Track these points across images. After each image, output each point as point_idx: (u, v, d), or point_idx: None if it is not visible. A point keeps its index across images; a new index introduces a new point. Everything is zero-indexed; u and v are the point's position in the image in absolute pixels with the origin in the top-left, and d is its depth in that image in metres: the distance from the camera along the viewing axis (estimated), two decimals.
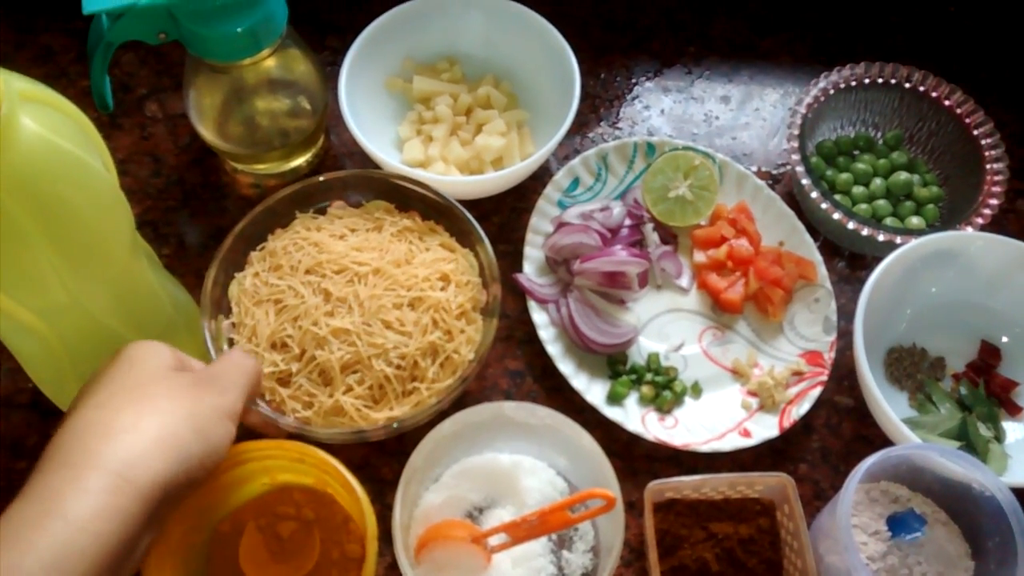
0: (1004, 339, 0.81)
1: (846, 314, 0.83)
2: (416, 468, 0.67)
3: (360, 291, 0.72)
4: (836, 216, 0.81)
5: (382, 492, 0.74)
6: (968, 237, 0.79)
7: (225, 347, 0.74)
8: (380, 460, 0.76)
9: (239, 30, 0.73)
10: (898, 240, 0.79)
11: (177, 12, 0.72)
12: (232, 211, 0.87)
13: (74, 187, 0.53)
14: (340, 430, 0.70)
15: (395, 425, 0.69)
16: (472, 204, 0.80)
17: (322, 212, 0.81)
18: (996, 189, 0.82)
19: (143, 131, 0.91)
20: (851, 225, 0.81)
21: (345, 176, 0.80)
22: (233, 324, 0.76)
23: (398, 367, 0.71)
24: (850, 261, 0.87)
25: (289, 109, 0.86)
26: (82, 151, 0.54)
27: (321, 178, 0.79)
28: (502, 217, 0.87)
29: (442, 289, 0.74)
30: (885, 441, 0.76)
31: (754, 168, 0.92)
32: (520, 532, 0.66)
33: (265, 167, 0.87)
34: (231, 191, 0.88)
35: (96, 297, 0.60)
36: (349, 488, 0.63)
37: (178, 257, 0.84)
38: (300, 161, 0.88)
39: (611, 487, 0.65)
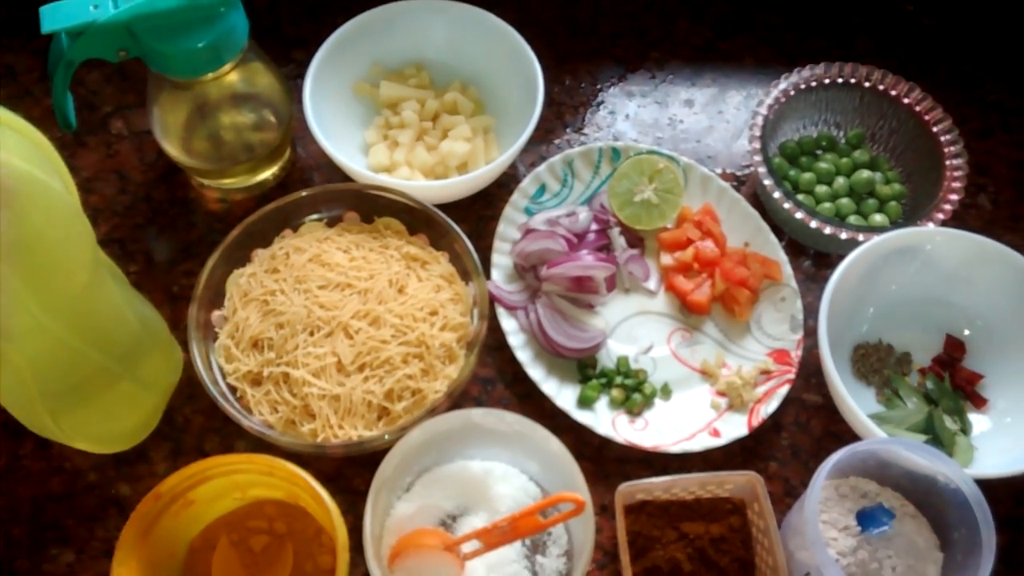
0: (967, 332, 0.82)
1: (812, 312, 0.83)
2: (386, 478, 0.67)
3: (344, 314, 0.73)
4: (799, 216, 0.82)
5: (354, 503, 0.74)
6: (928, 233, 0.80)
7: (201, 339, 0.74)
8: (352, 471, 0.76)
9: (200, 45, 0.73)
10: (861, 238, 0.80)
11: (137, 29, 0.72)
12: (199, 226, 0.87)
13: (35, 209, 0.53)
14: (300, 441, 0.70)
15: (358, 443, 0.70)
16: (439, 210, 0.81)
17: (335, 222, 0.82)
18: (956, 185, 0.83)
19: (109, 149, 0.91)
20: (814, 224, 0.82)
21: (316, 192, 0.81)
22: (224, 317, 0.76)
23: (368, 404, 0.71)
24: (815, 260, 0.88)
25: (254, 122, 0.86)
26: (42, 173, 0.54)
27: (289, 198, 0.80)
28: (469, 225, 0.87)
29: (431, 325, 0.75)
30: (854, 437, 0.77)
31: (719, 170, 0.93)
32: (492, 538, 0.66)
33: (232, 181, 0.87)
34: (198, 206, 0.88)
35: (60, 317, 0.60)
36: (319, 501, 0.63)
37: (146, 274, 0.84)
38: (267, 174, 0.88)
39: (580, 491, 0.66)
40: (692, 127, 0.96)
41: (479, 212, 0.89)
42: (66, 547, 0.73)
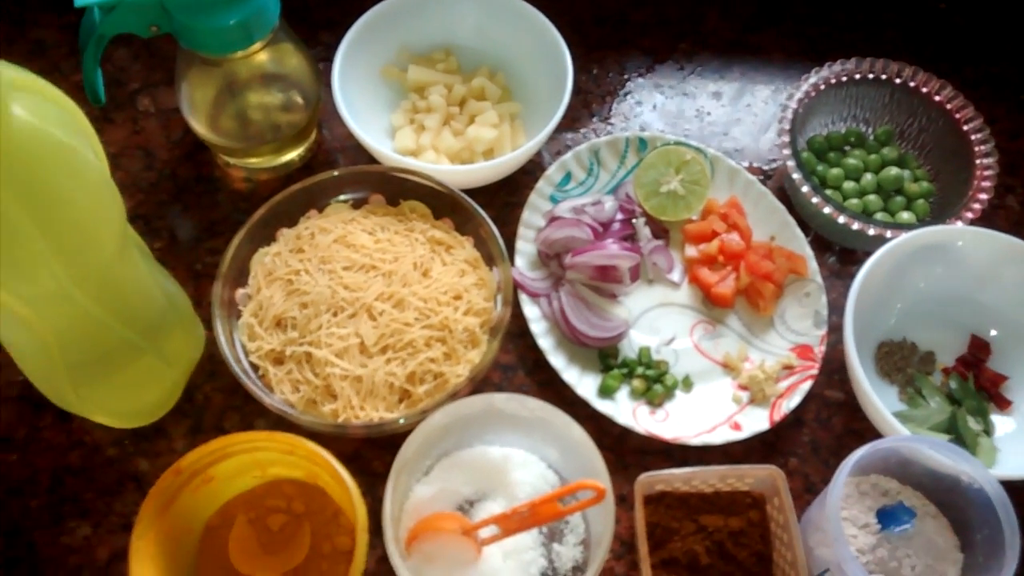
0: (992, 332, 0.82)
1: (837, 309, 0.83)
2: (406, 460, 0.67)
3: (369, 295, 0.73)
4: (827, 210, 0.81)
5: (373, 485, 0.73)
6: (957, 231, 0.79)
7: (225, 317, 0.75)
8: (371, 453, 0.76)
9: (231, 23, 0.73)
10: (888, 235, 0.80)
11: (169, 5, 0.72)
12: (224, 205, 0.87)
13: (64, 175, 0.53)
14: (321, 421, 0.70)
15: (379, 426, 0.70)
16: (464, 194, 0.81)
17: (361, 204, 0.82)
18: (986, 184, 0.82)
19: (135, 125, 0.91)
20: (841, 219, 0.81)
21: (342, 174, 0.80)
22: (248, 296, 0.76)
23: (390, 386, 0.71)
24: (841, 256, 0.87)
25: (281, 103, 0.86)
26: (72, 139, 0.54)
27: (316, 178, 0.80)
28: (494, 211, 0.86)
29: (455, 309, 0.75)
30: (875, 435, 0.76)
31: (746, 163, 0.92)
32: (511, 524, 0.66)
33: (257, 161, 0.87)
34: (223, 185, 0.88)
35: (86, 287, 0.60)
36: (339, 480, 0.63)
37: (170, 251, 0.84)
38: (292, 155, 0.88)
39: (601, 479, 0.65)
40: (719, 120, 0.96)
41: (504, 198, 0.88)
42: (84, 520, 0.73)
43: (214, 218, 0.86)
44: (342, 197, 0.81)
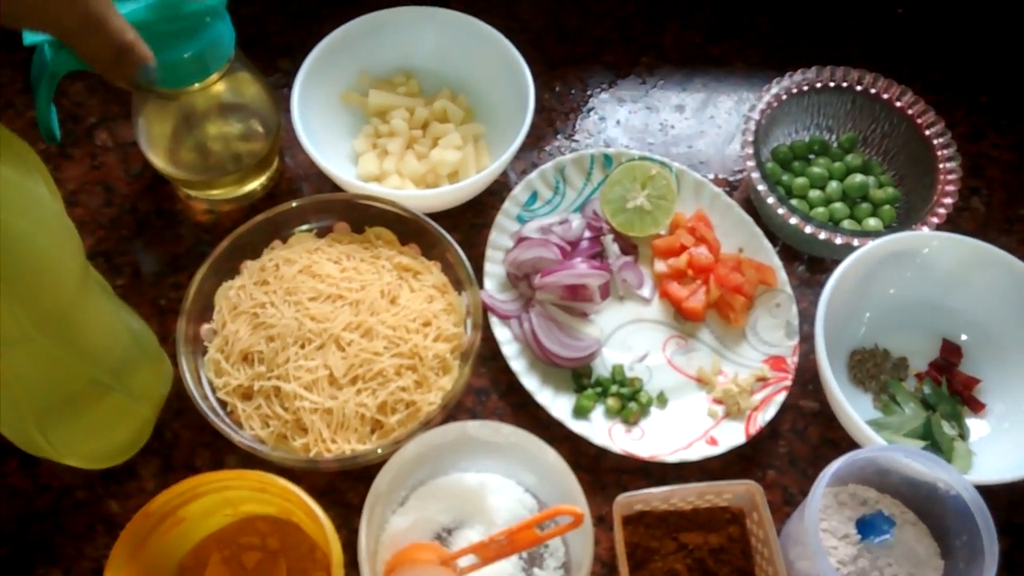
0: (964, 337, 0.82)
1: (808, 318, 0.83)
2: (380, 493, 0.66)
3: (336, 326, 0.72)
4: (793, 221, 0.81)
5: (348, 517, 0.73)
6: (924, 237, 0.79)
7: (190, 353, 0.73)
8: (345, 484, 0.75)
9: (186, 56, 0.72)
10: (855, 243, 0.80)
11: None
12: (187, 238, 0.86)
13: (18, 215, 0.52)
14: (292, 456, 0.69)
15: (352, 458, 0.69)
16: (430, 219, 0.80)
17: (325, 232, 0.81)
18: (950, 188, 0.83)
19: (93, 160, 0.90)
20: (808, 229, 0.81)
21: (305, 203, 0.80)
22: (214, 331, 0.75)
23: (361, 417, 0.70)
24: (809, 265, 0.88)
25: (241, 133, 0.85)
26: (25, 178, 0.53)
27: (278, 209, 0.79)
28: (461, 234, 0.86)
29: (424, 336, 0.74)
30: (851, 444, 0.76)
31: (711, 175, 0.92)
32: (489, 552, 0.65)
33: (219, 192, 0.85)
34: (185, 218, 0.87)
35: (49, 329, 0.59)
36: (313, 516, 0.62)
37: (133, 287, 0.83)
38: (255, 185, 0.87)
39: (578, 503, 0.65)
40: (683, 132, 0.96)
41: (471, 220, 0.88)
42: (54, 566, 0.71)
43: (177, 252, 0.85)
44: (306, 226, 0.80)
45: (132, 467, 0.75)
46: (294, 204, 0.79)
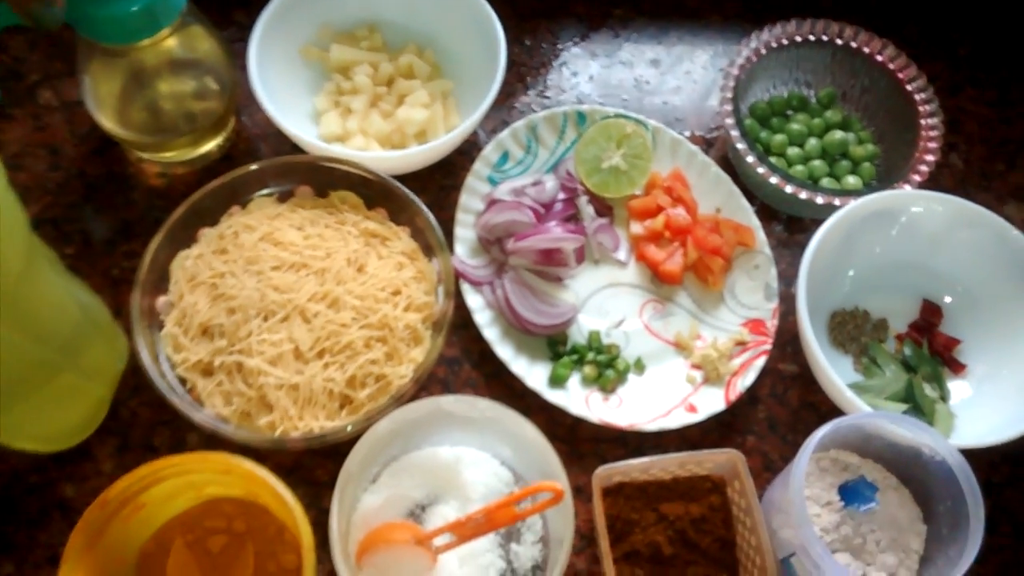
0: (947, 299, 0.80)
1: (786, 278, 0.81)
2: (351, 473, 0.63)
3: (301, 296, 0.68)
4: (773, 180, 0.79)
5: (317, 496, 0.70)
6: (907, 196, 0.77)
7: (146, 328, 0.69)
8: (313, 462, 0.72)
9: (134, 9, 0.67)
10: (837, 202, 0.78)
11: None
12: (139, 204, 0.81)
13: None
14: (257, 435, 0.66)
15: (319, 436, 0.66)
16: (397, 182, 0.76)
17: (287, 197, 0.77)
18: (932, 145, 0.81)
19: (37, 121, 0.84)
20: (789, 189, 0.79)
21: (264, 166, 0.75)
22: (171, 303, 0.72)
23: (329, 392, 0.67)
24: (788, 225, 0.85)
25: (194, 90, 0.80)
26: None
27: (236, 173, 0.74)
28: (430, 196, 0.83)
29: (394, 306, 0.70)
30: (832, 407, 0.75)
31: (687, 133, 0.89)
32: (466, 531, 0.63)
33: (173, 155, 0.81)
34: (137, 182, 0.82)
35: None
36: (280, 500, 0.59)
37: (83, 257, 0.78)
38: (210, 146, 0.82)
39: (558, 478, 0.63)
40: (658, 87, 0.92)
41: (439, 181, 0.84)
42: (6, 557, 0.68)
43: (129, 219, 0.80)
44: (266, 191, 0.76)
45: (87, 448, 0.71)
46: (253, 167, 0.74)
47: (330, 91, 0.84)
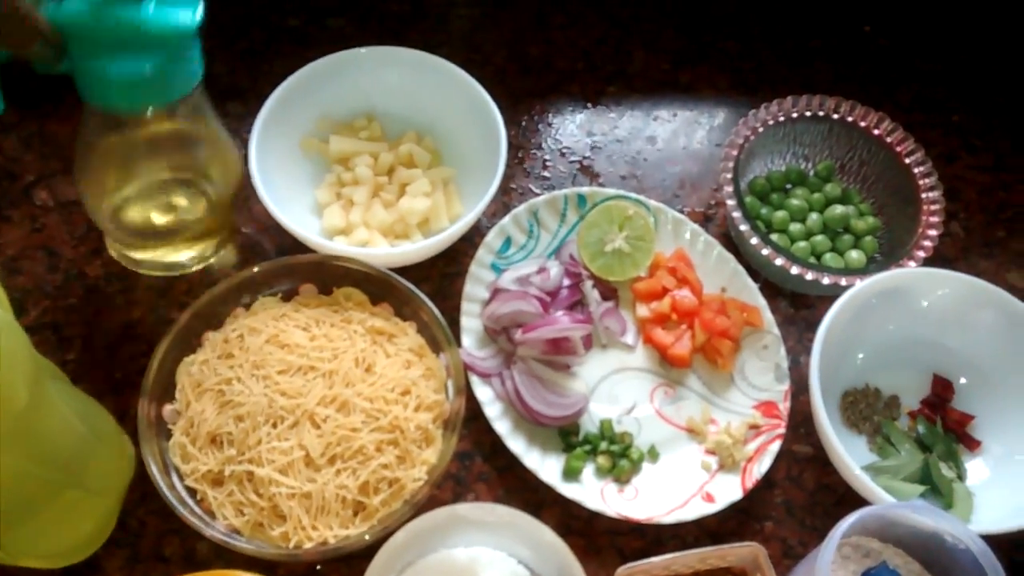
0: (962, 380, 0.80)
1: (793, 355, 0.81)
2: None
3: (309, 401, 0.67)
4: (779, 262, 0.79)
5: None
6: (915, 275, 0.77)
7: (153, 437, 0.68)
8: (327, 567, 0.70)
9: (147, 70, 0.63)
10: (843, 282, 0.77)
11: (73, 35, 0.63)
12: (140, 303, 0.80)
13: None
14: (271, 548, 0.65)
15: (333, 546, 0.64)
16: (400, 272, 0.76)
17: (291, 295, 0.76)
18: (934, 219, 0.81)
19: (34, 223, 0.83)
20: (794, 270, 0.79)
21: (268, 268, 0.75)
22: (177, 412, 0.70)
23: (343, 500, 0.65)
24: (793, 300, 0.85)
25: (192, 192, 0.79)
26: None
27: (240, 275, 0.74)
28: (432, 285, 0.82)
29: (404, 407, 0.69)
30: (848, 489, 0.74)
31: (687, 209, 0.89)
32: None
33: (163, 254, 0.80)
34: (137, 282, 0.81)
35: (0, 441, 0.54)
36: None
37: (84, 361, 0.77)
38: (206, 243, 0.81)
39: None
40: (655, 163, 0.93)
41: (442, 269, 0.84)
42: None
43: (130, 319, 0.79)
44: (270, 291, 0.75)
45: (96, 562, 0.70)
46: (256, 269, 0.74)
47: (331, 183, 0.84)
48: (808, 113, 0.86)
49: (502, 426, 0.75)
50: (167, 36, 0.62)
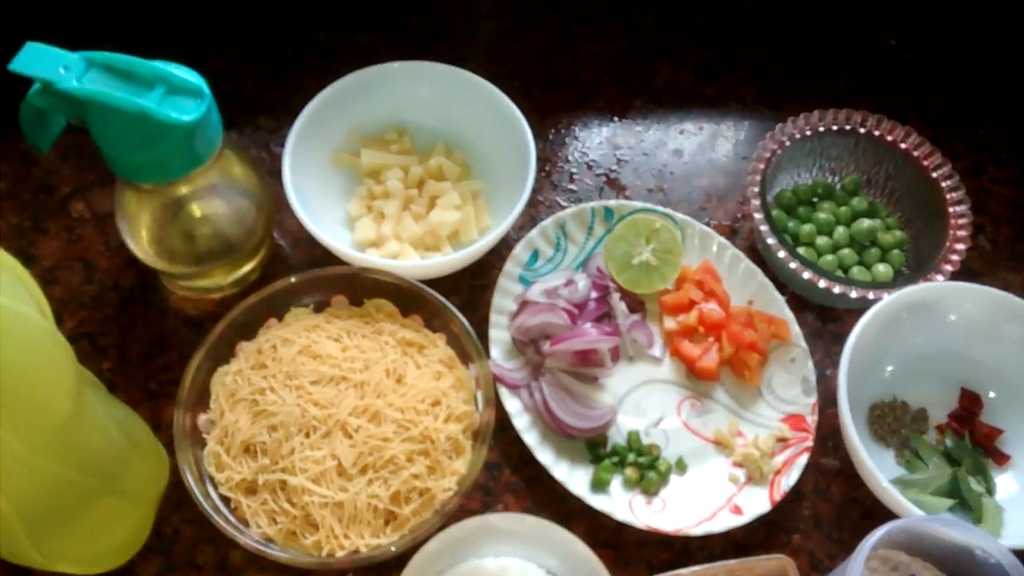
0: (991, 394, 0.80)
1: (820, 367, 0.81)
2: None
3: (342, 411, 0.68)
4: (806, 276, 0.79)
5: None
6: (943, 288, 0.77)
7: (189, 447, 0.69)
8: (359, 573, 0.71)
9: (168, 156, 0.67)
10: (871, 296, 0.78)
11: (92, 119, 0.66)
12: (174, 313, 0.81)
13: (11, 346, 0.48)
14: (303, 556, 0.65)
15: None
16: (430, 284, 0.77)
17: (322, 307, 0.77)
18: (961, 233, 0.81)
19: (70, 234, 0.85)
20: (822, 284, 0.79)
21: (301, 280, 0.76)
22: (212, 421, 0.71)
23: (374, 509, 0.66)
24: (820, 314, 0.85)
25: (231, 216, 0.79)
26: (17, 302, 0.49)
27: (274, 287, 0.75)
28: (461, 297, 0.83)
29: (435, 418, 0.70)
30: (875, 502, 0.74)
31: (713, 222, 0.90)
32: None
33: (210, 282, 0.81)
34: (171, 291, 0.82)
35: (44, 450, 0.55)
36: None
37: (120, 371, 0.78)
38: (248, 268, 0.82)
39: None
40: (682, 177, 0.93)
41: (470, 282, 0.84)
42: None
43: (164, 329, 0.81)
44: (302, 302, 0.77)
45: (131, 568, 0.71)
46: (292, 280, 0.75)
47: (362, 196, 0.85)
48: (835, 127, 0.87)
49: (531, 437, 0.75)
50: (172, 127, 0.65)
